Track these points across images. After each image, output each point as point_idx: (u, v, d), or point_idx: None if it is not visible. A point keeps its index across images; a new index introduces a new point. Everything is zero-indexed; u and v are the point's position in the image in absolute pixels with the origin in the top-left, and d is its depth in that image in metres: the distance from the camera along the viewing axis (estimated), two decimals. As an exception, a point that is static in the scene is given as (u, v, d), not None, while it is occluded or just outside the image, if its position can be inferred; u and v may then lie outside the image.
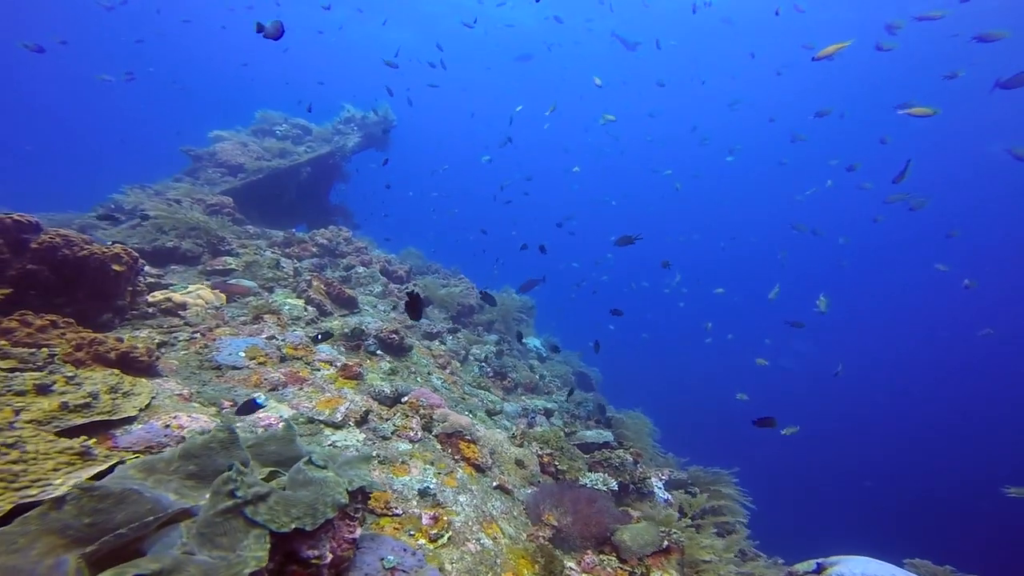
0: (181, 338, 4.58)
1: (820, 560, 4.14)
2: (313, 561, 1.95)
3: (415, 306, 3.45)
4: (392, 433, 4.00)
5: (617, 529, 3.79)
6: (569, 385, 9.04)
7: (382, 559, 2.38)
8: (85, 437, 2.50)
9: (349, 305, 6.64)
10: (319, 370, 4.70)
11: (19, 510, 1.79)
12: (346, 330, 5.44)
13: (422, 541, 3.01)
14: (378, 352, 5.55)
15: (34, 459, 1.98)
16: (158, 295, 5.33)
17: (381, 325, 5.83)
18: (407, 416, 4.22)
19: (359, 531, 2.26)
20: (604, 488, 4.39)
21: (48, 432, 2.32)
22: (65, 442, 2.26)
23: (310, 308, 6.07)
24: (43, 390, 2.72)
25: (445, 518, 3.22)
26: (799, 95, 27.21)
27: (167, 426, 3.04)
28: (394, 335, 5.65)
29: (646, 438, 6.87)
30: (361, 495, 2.54)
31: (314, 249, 8.80)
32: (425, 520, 3.18)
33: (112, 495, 1.77)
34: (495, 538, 3.32)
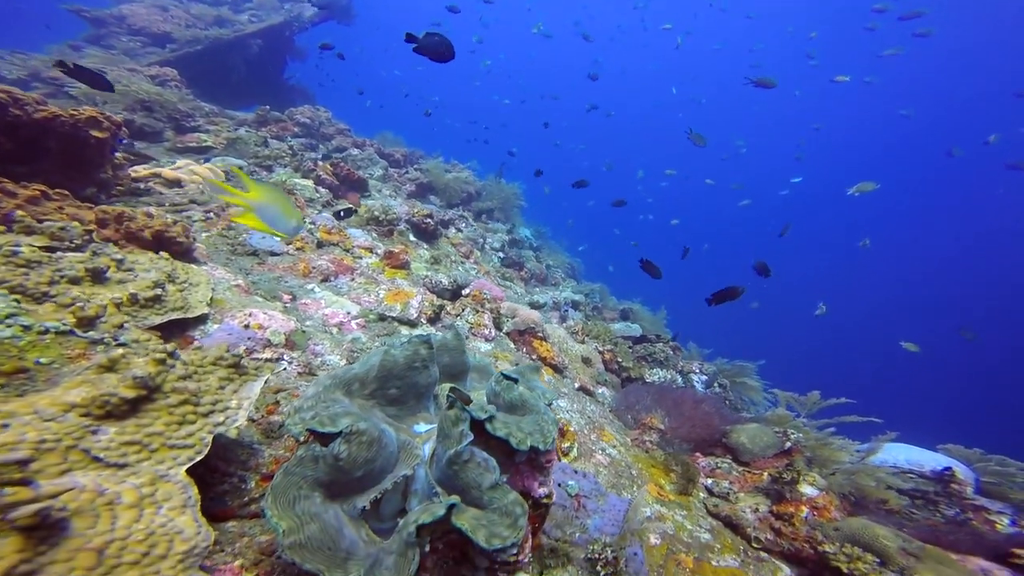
0: (195, 218, 3.86)
1: (858, 448, 4.44)
2: (544, 501, 1.71)
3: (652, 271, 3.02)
4: (469, 331, 3.68)
5: (731, 431, 3.62)
6: (572, 275, 8.96)
7: (561, 485, 2.20)
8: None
9: (360, 187, 5.90)
10: (361, 258, 4.18)
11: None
12: (376, 213, 4.82)
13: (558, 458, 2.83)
14: (412, 238, 5.03)
15: (195, 373, 1.51)
16: (141, 170, 4.42)
17: (410, 209, 5.23)
18: (477, 312, 3.88)
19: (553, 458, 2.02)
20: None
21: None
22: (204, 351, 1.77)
23: (321, 189, 5.32)
24: (98, 277, 2.11)
25: (568, 429, 3.04)
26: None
27: (246, 326, 2.55)
28: (428, 219, 5.10)
29: (663, 330, 7.02)
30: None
31: (295, 129, 7.64)
32: (552, 433, 2.97)
33: (374, 441, 1.39)
34: (615, 446, 3.18)
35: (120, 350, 1.43)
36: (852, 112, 44.42)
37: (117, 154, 4.11)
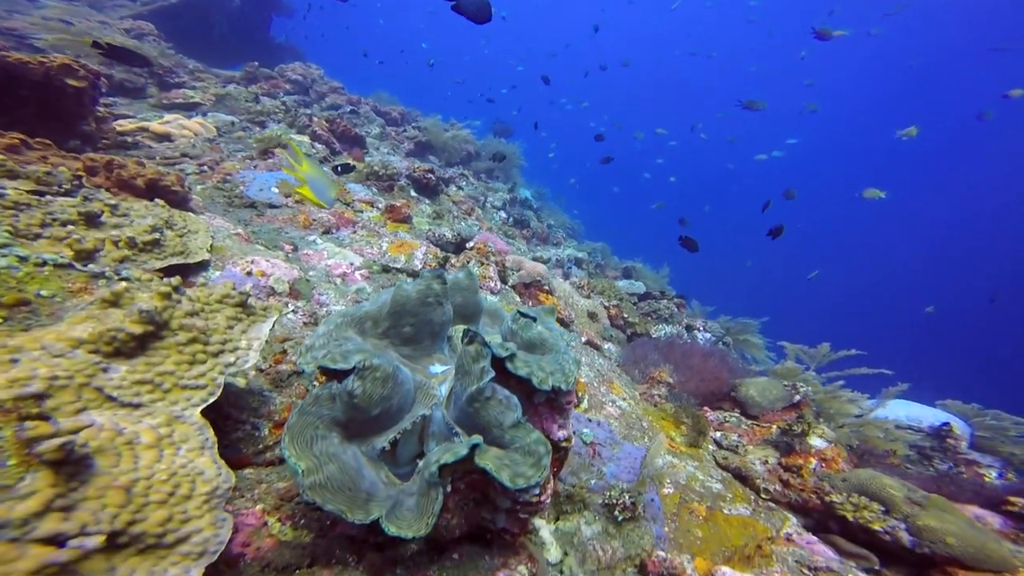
0: (189, 171, 3.71)
1: (867, 401, 4.46)
2: (563, 444, 1.67)
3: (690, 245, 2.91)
4: (475, 283, 3.62)
5: (740, 384, 3.59)
6: (573, 236, 8.86)
7: (576, 433, 2.17)
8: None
9: (358, 144, 5.71)
10: (362, 211, 4.06)
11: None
12: (376, 169, 4.67)
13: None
14: (413, 193, 4.90)
15: (202, 311, 1.44)
16: (127, 124, 4.24)
17: (410, 164, 5.08)
18: (482, 264, 3.80)
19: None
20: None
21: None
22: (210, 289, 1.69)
23: (318, 145, 5.14)
24: (92, 221, 2.01)
25: (578, 380, 3.00)
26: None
27: (249, 273, 2.48)
28: (429, 175, 4.96)
29: (666, 287, 6.98)
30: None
31: (287, 86, 7.34)
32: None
33: (389, 377, 1.32)
34: (624, 399, 3.17)
35: (123, 283, 1.36)
36: (862, 65, 43.48)
37: (99, 108, 3.91)
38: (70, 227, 1.80)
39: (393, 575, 1.67)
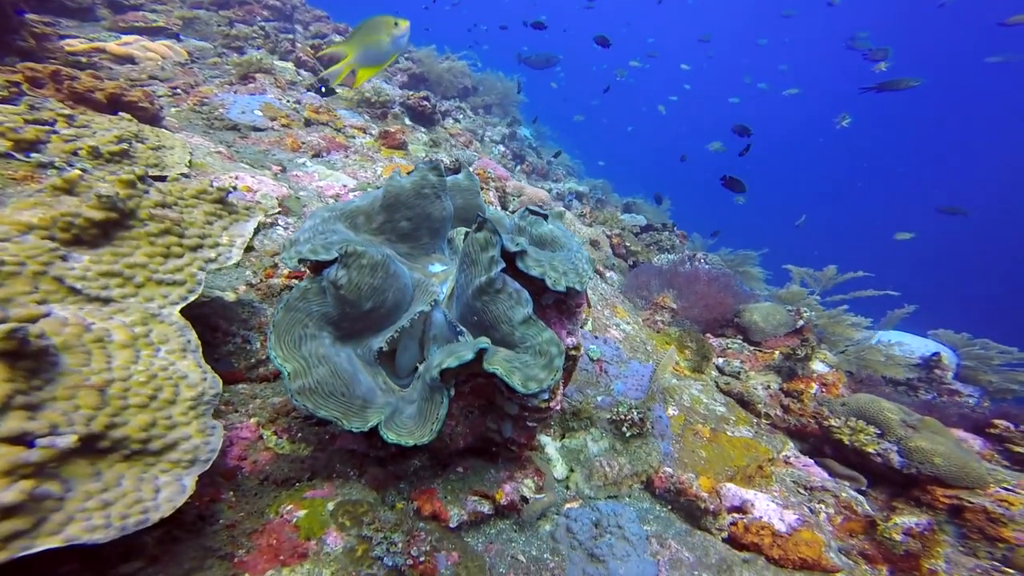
0: (159, 93, 3.44)
1: (870, 325, 4.41)
2: (572, 352, 1.56)
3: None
4: (474, 208, 3.45)
5: (744, 310, 3.51)
6: (572, 173, 8.58)
7: (584, 351, 2.08)
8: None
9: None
10: (355, 137, 3.83)
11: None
12: (368, 95, 4.38)
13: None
14: (408, 122, 4.63)
15: (176, 204, 1.29)
16: (77, 44, 3.88)
17: (404, 91, 4.77)
18: (483, 189, 3.61)
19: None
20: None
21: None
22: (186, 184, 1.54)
23: (303, 72, 4.81)
24: (42, 128, 1.82)
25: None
26: None
27: (233, 188, 2.30)
28: (424, 102, 4.66)
29: (668, 221, 6.80)
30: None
31: (264, 13, 6.81)
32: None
33: (378, 265, 1.19)
34: (628, 323, 3.08)
35: (77, 171, 1.20)
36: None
37: (27, 16, 3.49)
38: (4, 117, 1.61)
39: (396, 489, 1.62)
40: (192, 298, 1.23)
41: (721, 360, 3.37)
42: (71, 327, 1.08)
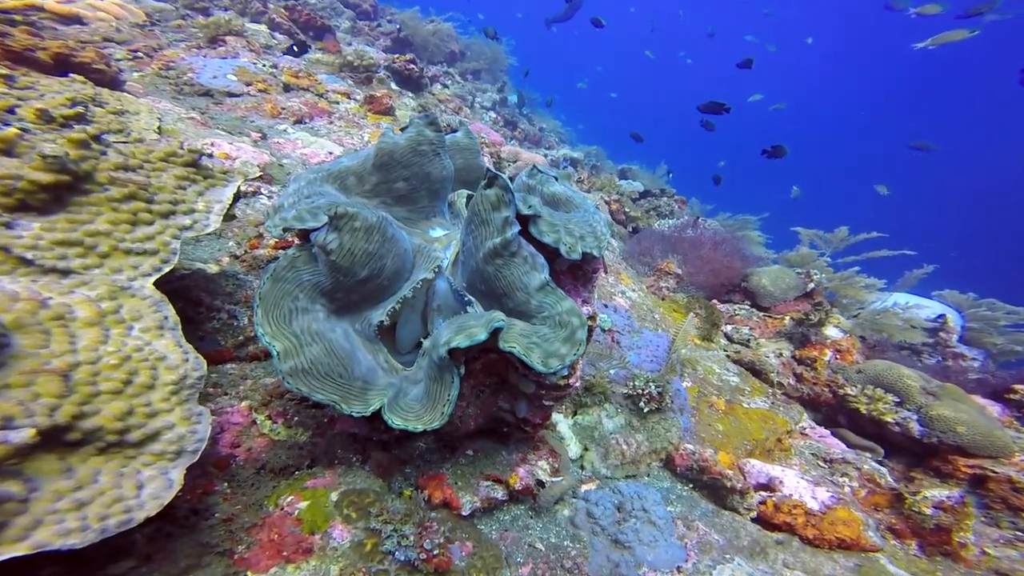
0: (117, 56, 3.17)
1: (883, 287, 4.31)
2: (587, 322, 1.41)
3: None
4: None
5: (751, 273, 3.39)
6: (566, 141, 8.35)
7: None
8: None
9: (326, 33, 5.04)
10: (338, 103, 3.60)
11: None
12: (350, 59, 4.11)
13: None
14: (394, 87, 4.38)
15: (141, 168, 1.12)
16: (8, 1, 3.50)
17: (388, 55, 4.50)
18: (477, 154, 3.43)
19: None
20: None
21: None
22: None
23: (278, 35, 4.51)
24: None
25: None
26: None
27: (210, 155, 2.11)
28: (411, 65, 4.41)
29: (666, 187, 6.65)
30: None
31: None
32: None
33: (373, 228, 1.03)
34: (633, 290, 2.95)
35: (13, 129, 1.03)
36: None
37: None
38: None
39: (402, 475, 1.50)
40: (167, 269, 1.08)
41: (729, 327, 3.27)
42: (24, 302, 0.93)
